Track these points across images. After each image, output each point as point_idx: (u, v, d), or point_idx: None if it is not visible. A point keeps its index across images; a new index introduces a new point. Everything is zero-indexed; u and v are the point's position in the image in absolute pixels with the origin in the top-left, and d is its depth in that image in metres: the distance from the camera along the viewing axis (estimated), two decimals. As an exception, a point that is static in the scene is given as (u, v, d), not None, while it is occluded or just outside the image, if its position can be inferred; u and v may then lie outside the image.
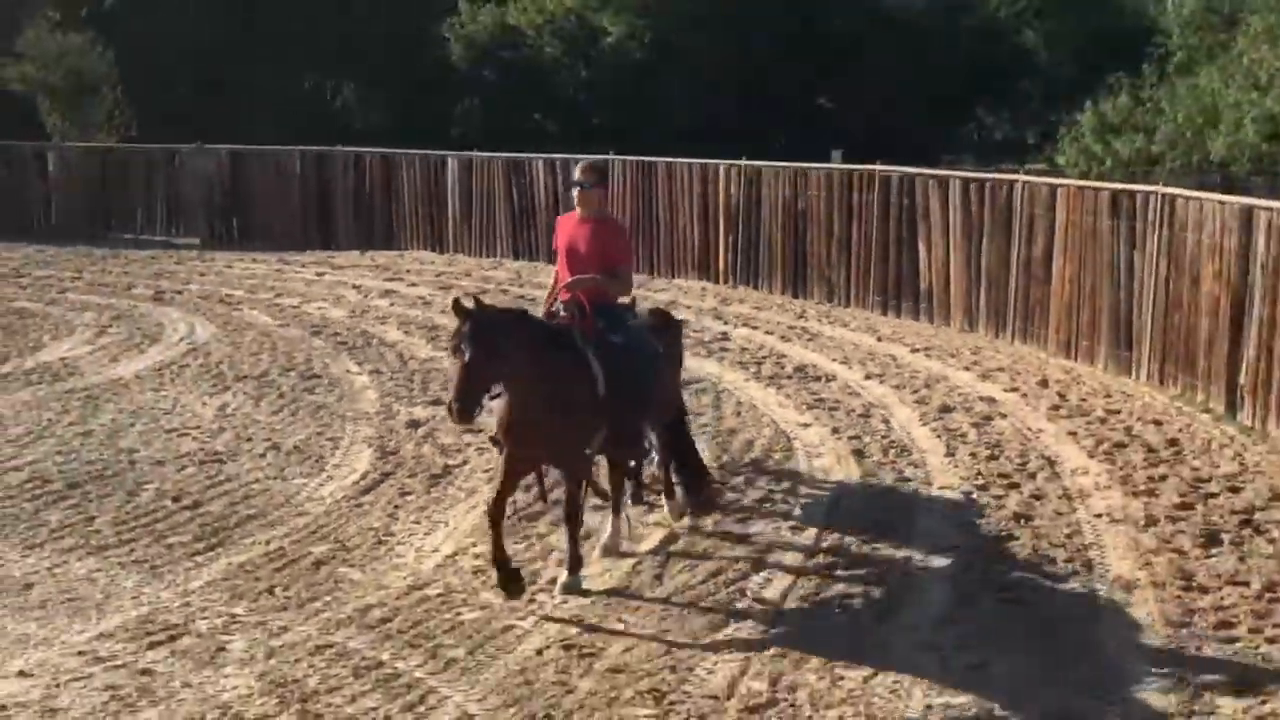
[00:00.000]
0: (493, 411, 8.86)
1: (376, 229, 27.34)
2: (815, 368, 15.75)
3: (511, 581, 8.51)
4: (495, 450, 9.10)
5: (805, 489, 11.02)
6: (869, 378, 15.22)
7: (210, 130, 29.86)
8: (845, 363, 16.07)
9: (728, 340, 17.50)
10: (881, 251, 19.70)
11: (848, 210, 20.30)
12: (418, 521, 10.20)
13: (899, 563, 9.28)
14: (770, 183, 21.58)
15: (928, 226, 18.92)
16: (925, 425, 13.02)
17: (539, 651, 7.77)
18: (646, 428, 9.40)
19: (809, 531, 9.95)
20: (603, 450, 9.12)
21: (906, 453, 12.06)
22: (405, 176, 26.85)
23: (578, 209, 9.36)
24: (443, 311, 19.62)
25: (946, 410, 13.57)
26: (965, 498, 10.72)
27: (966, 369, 15.66)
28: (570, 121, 34.83)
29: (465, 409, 8.08)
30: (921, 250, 19.03)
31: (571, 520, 8.86)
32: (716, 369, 15.72)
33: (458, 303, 8.27)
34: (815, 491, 10.95)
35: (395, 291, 21.61)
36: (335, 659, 7.64)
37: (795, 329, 18.35)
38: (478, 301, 8.29)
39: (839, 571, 9.11)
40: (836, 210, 20.47)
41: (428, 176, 26.60)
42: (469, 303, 8.27)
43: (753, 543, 9.68)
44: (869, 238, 19.92)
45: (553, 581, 8.84)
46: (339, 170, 27.82)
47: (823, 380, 15.09)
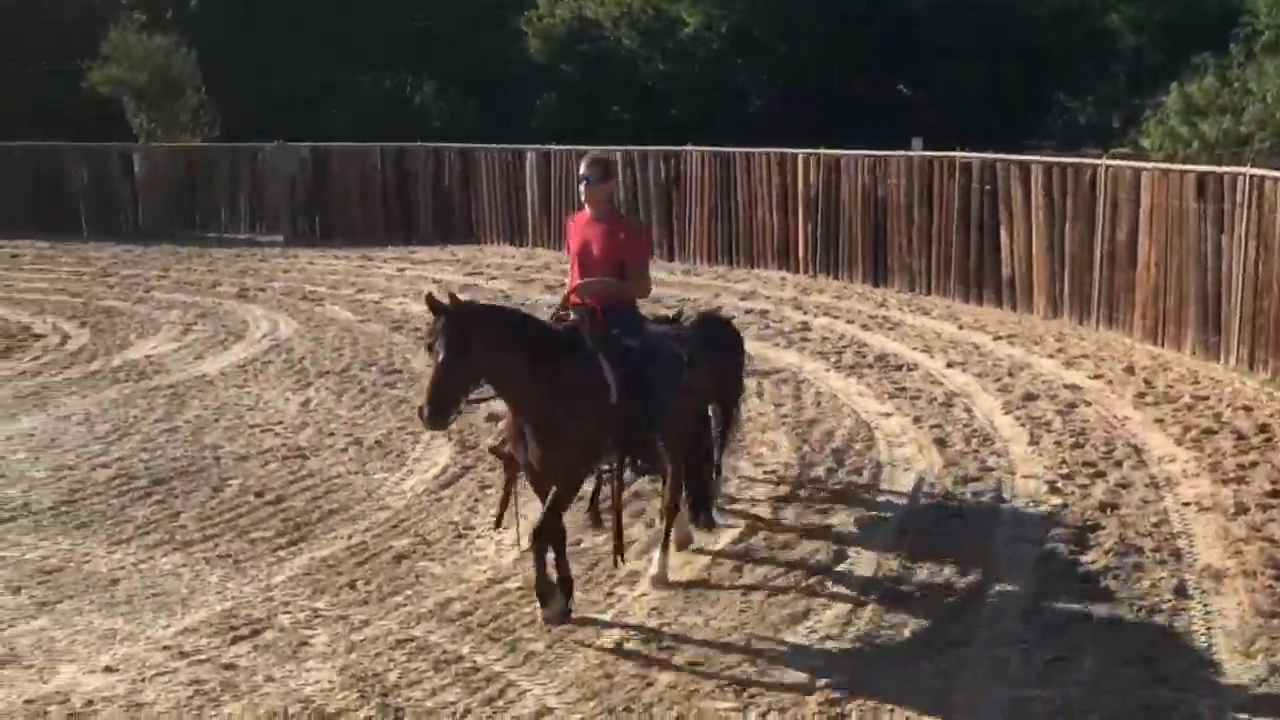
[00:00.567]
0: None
1: (456, 223, 27.47)
2: (896, 357, 15.62)
3: (550, 598, 8.01)
4: (501, 461, 8.65)
5: (886, 479, 10.92)
6: (951, 366, 15.07)
7: (292, 129, 30.14)
8: (927, 351, 15.93)
9: (808, 330, 17.40)
10: (963, 238, 19.50)
11: (929, 197, 20.12)
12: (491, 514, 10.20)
13: (981, 553, 9.16)
14: (850, 171, 21.42)
15: (1010, 212, 18.70)
16: (1008, 414, 12.87)
17: (618, 645, 7.75)
18: (661, 441, 8.45)
19: (890, 522, 9.86)
20: (613, 464, 8.40)
21: (989, 441, 11.93)
22: (484, 171, 26.95)
23: (587, 208, 8.60)
24: (522, 304, 19.69)
25: (1030, 398, 13.41)
26: (1049, 486, 10.57)
27: (1050, 356, 15.46)
28: (648, 113, 34.79)
29: (437, 413, 7.39)
30: (1004, 237, 18.82)
31: (538, 541, 7.98)
32: (796, 359, 15.63)
33: (431, 298, 7.56)
34: (896, 481, 10.85)
35: (475, 285, 21.68)
36: (416, 653, 7.67)
37: (876, 318, 18.21)
38: (453, 297, 7.59)
39: (921, 562, 9.02)
40: (917, 198, 20.29)
41: (506, 170, 26.67)
42: (444, 297, 7.58)
43: (833, 534, 9.61)
44: (950, 225, 19.72)
45: (632, 574, 8.82)
46: (419, 166, 27.97)
47: (904, 369, 14.96)
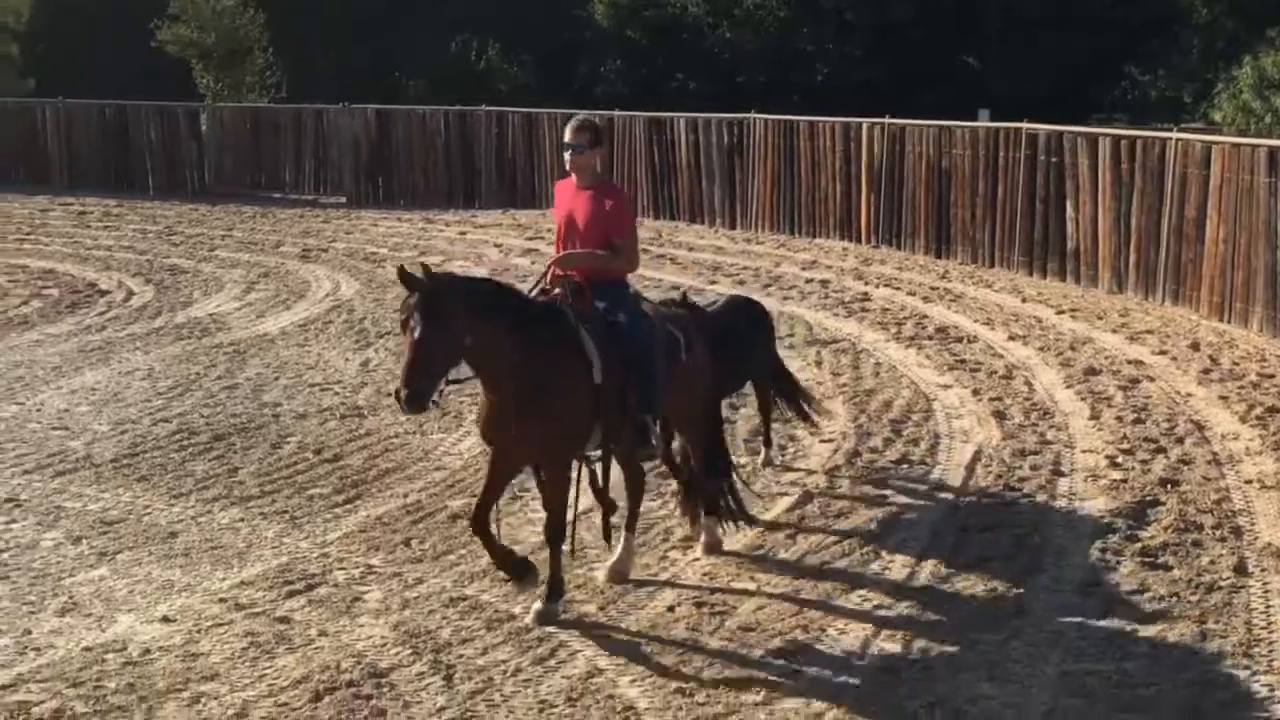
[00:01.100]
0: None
1: (519, 188, 27.49)
2: (957, 329, 15.50)
3: (524, 572, 7.66)
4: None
5: (944, 450, 10.85)
6: (1012, 339, 14.94)
7: (357, 90, 30.24)
8: (988, 324, 15.80)
9: (868, 300, 17.30)
10: (1028, 211, 19.31)
11: (994, 169, 19.93)
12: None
13: (1039, 526, 9.09)
14: (914, 141, 21.25)
15: (1076, 185, 18.49)
16: (1069, 388, 12.74)
17: (670, 608, 7.75)
18: (653, 424, 7.96)
19: (946, 493, 9.80)
20: (600, 450, 7.93)
21: (1049, 415, 11.82)
22: (548, 135, 26.92)
23: (573, 175, 8.07)
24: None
25: (1092, 373, 13.27)
26: (1109, 461, 10.47)
27: (1114, 331, 15.30)
28: (712, 80, 34.67)
29: (415, 396, 6.87)
30: (1069, 210, 18.61)
31: (554, 538, 7.69)
32: (856, 329, 15.56)
33: (404, 271, 7.03)
34: (954, 453, 10.78)
35: (536, 250, 21.69)
36: (469, 611, 7.69)
37: (938, 290, 18.08)
38: (426, 269, 7.09)
39: (976, 534, 8.95)
40: (982, 169, 20.10)
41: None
42: (417, 270, 7.08)
43: (889, 504, 9.56)
44: (1015, 197, 19.53)
45: (686, 540, 8.82)
46: (483, 129, 28.00)
47: (964, 341, 14.85)
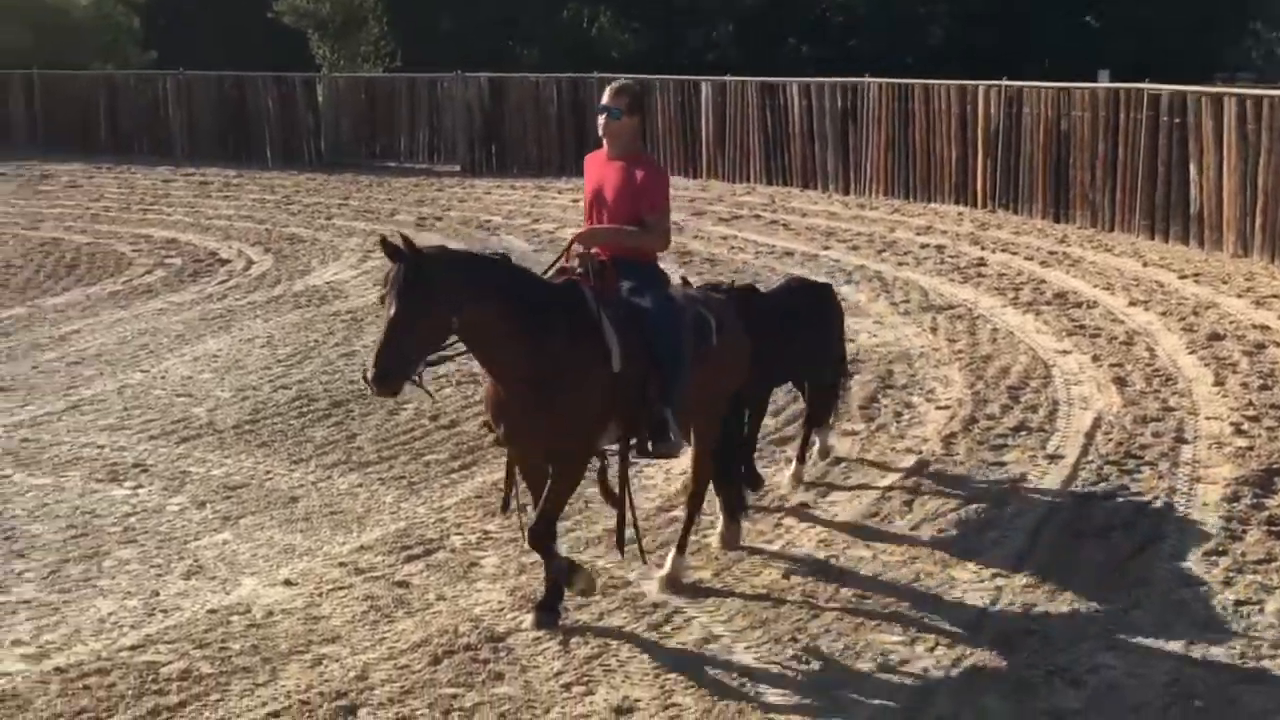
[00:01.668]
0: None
1: (631, 155, 27.46)
2: (1076, 294, 15.27)
3: (573, 573, 7.12)
4: (490, 435, 7.68)
5: (1062, 417, 10.70)
6: (1133, 304, 14.68)
7: (471, 59, 30.39)
8: (1108, 289, 15.54)
9: (984, 265, 17.09)
10: (1149, 173, 18.94)
11: (1114, 131, 19.56)
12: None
13: (1161, 493, 8.94)
14: (1032, 103, 20.92)
15: (1200, 147, 18.09)
16: (1192, 354, 12.50)
17: (785, 575, 7.73)
18: (673, 418, 7.20)
19: (1066, 460, 9.66)
20: (618, 444, 7.31)
21: (1172, 381, 11.61)
22: (659, 102, 26.87)
23: (605, 144, 7.45)
24: (695, 237, 19.68)
25: (1216, 338, 13.00)
26: (1234, 429, 10.25)
27: (1239, 296, 14.97)
28: (825, 44, 34.38)
29: (384, 377, 6.34)
30: (1192, 171, 18.22)
31: (543, 539, 7.04)
32: (972, 294, 15.38)
33: (385, 240, 6.50)
34: (1073, 420, 10.62)
35: (648, 217, 21.67)
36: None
37: (1056, 254, 17.81)
38: (408, 241, 6.47)
39: (1097, 502, 8.82)
40: (1102, 131, 19.74)
41: (682, 102, 26.57)
42: (398, 241, 6.49)
43: (1006, 471, 9.45)
44: (1136, 159, 19.16)
45: (802, 505, 8.78)
46: (594, 97, 27.97)
47: (1084, 307, 14.62)
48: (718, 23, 36.46)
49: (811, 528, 8.49)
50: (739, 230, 20.28)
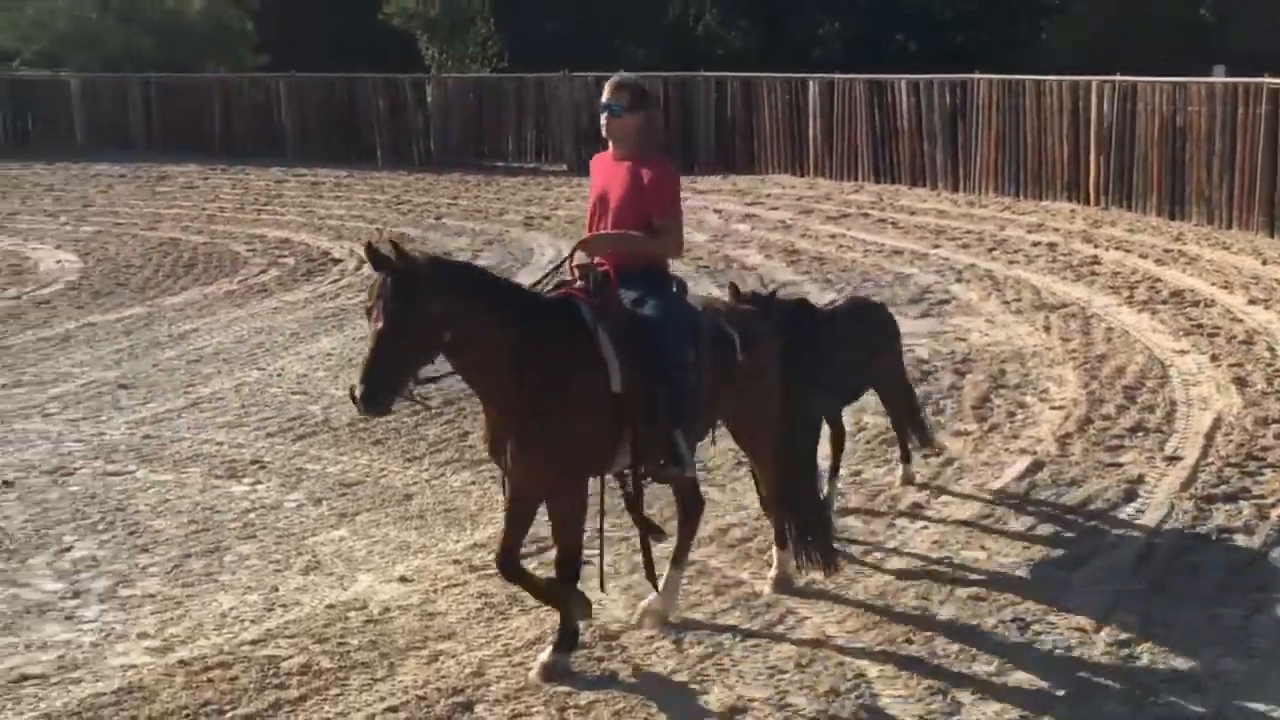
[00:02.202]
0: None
1: (738, 153, 27.44)
2: (1193, 292, 15.01)
3: (578, 604, 6.72)
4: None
5: (1181, 418, 10.53)
6: (1253, 303, 14.40)
7: (578, 59, 30.53)
8: (1226, 287, 15.26)
9: (1098, 264, 16.86)
10: (1269, 169, 18.58)
11: (1232, 126, 19.21)
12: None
13: (1284, 497, 8.77)
14: (1147, 99, 20.61)
15: (1321, 142, 17.71)
16: (1315, 353, 12.25)
17: (899, 576, 7.68)
18: (684, 439, 6.74)
19: (1185, 462, 9.50)
20: (627, 472, 6.81)
21: (1294, 382, 11.38)
22: (766, 100, 26.83)
23: (610, 145, 6.97)
24: (803, 235, 19.62)
25: (1339, 338, 12.74)
26: (1359, 430, 10.04)
27: (1363, 294, 14.65)
28: (933, 41, 34.11)
29: (373, 396, 5.90)
30: (1313, 167, 17.84)
31: (566, 579, 6.66)
32: (1085, 293, 15.18)
33: (371, 248, 6.04)
34: (1192, 421, 10.45)
35: (756, 215, 21.67)
36: (696, 576, 7.72)
37: (1171, 252, 17.53)
38: (397, 246, 6.03)
39: (1217, 504, 8.67)
40: (1219, 126, 19.40)
41: (789, 100, 26.50)
42: (386, 249, 6.03)
43: (1123, 472, 9.31)
44: (1255, 154, 18.80)
45: (914, 506, 8.73)
46: (701, 95, 28.01)
47: (1201, 305, 14.37)
48: (823, 20, 36.31)
49: (925, 528, 8.43)
50: (847, 229, 20.18)
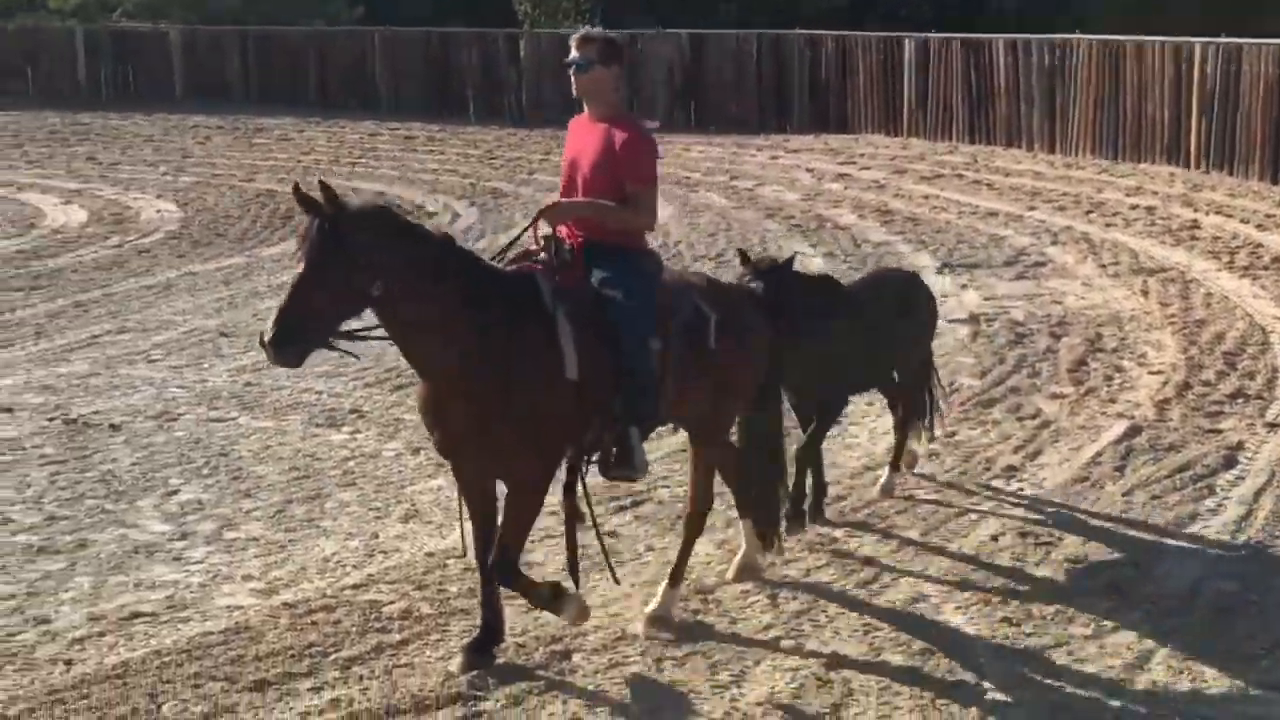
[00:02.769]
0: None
1: (831, 112, 27.25)
2: (1296, 258, 14.79)
3: (559, 600, 6.28)
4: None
5: (1282, 385, 10.41)
6: (1358, 270, 14.18)
7: (671, 15, 30.43)
8: (1331, 253, 15.02)
9: (1198, 228, 16.62)
10: (1376, 134, 18.19)
11: (1338, 90, 18.81)
12: (870, 403, 10.15)
13: (1388, 467, 8.65)
14: (1252, 60, 20.21)
15: None
16: None
17: (994, 538, 7.67)
18: (638, 438, 6.24)
19: (1286, 430, 9.40)
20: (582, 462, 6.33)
21: (1399, 351, 11.20)
22: (861, 59, 26.60)
23: (585, 105, 6.49)
24: (896, 195, 19.50)
25: None
26: None
27: None
28: (1031, 1, 33.64)
29: (283, 343, 5.53)
30: None
31: (501, 574, 6.12)
32: (1185, 258, 14.99)
33: (299, 190, 5.64)
34: (1293, 388, 10.33)
35: (849, 175, 21.55)
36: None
37: (1274, 217, 17.22)
38: (328, 191, 5.58)
39: (1319, 473, 8.59)
40: (1326, 90, 19.01)
41: (884, 59, 26.26)
42: (315, 191, 5.61)
43: (1223, 438, 9.22)
44: (1362, 119, 18.41)
45: (1009, 469, 8.70)
46: (795, 54, 27.83)
47: (1304, 272, 14.16)
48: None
49: (1021, 490, 8.41)
50: (941, 189, 20.02)
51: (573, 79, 6.44)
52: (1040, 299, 13.28)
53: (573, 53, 6.42)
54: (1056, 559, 7.37)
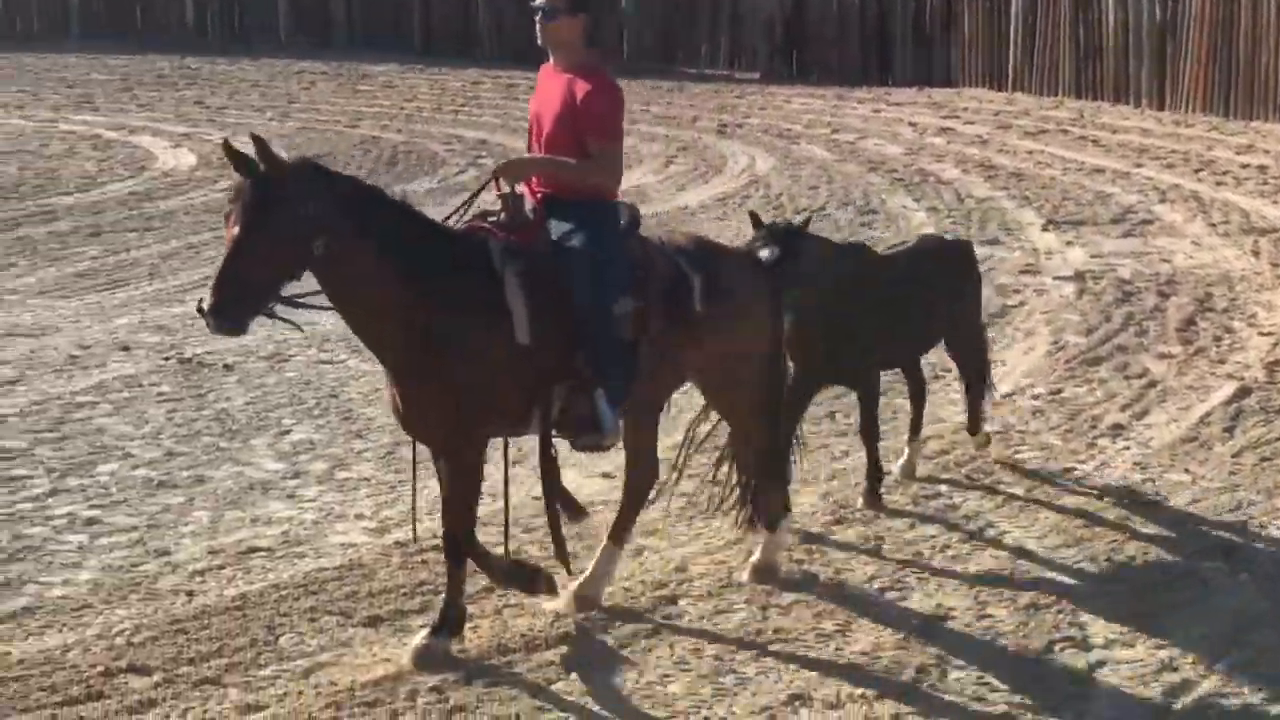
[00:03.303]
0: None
1: (935, 65, 26.94)
2: None
3: (534, 581, 6.20)
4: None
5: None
6: None
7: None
8: None
9: (1312, 188, 16.34)
10: None
11: None
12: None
13: None
14: (1371, 17, 19.75)
15: None
16: None
17: (1099, 496, 7.66)
18: (606, 402, 5.93)
19: (1401, 395, 9.27)
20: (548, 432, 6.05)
21: None
22: (966, 10, 26.26)
23: (550, 55, 6.18)
24: (1000, 151, 19.31)
25: None
26: None
27: None
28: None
29: (223, 310, 5.27)
30: None
31: (451, 553, 5.98)
32: (1298, 218, 14.75)
33: (229, 146, 5.45)
34: None
35: (952, 130, 21.34)
36: (893, 487, 7.79)
37: (1391, 178, 16.90)
38: (261, 146, 5.33)
39: None
40: None
41: (990, 10, 25.91)
42: (249, 148, 5.38)
43: (1336, 402, 9.12)
44: None
45: (1115, 427, 8.66)
46: (899, 4, 27.53)
47: None
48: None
49: (1126, 449, 8.38)
50: (1045, 145, 19.78)
51: (537, 25, 6.10)
52: (1148, 257, 13.12)
53: None
54: (1163, 519, 7.35)
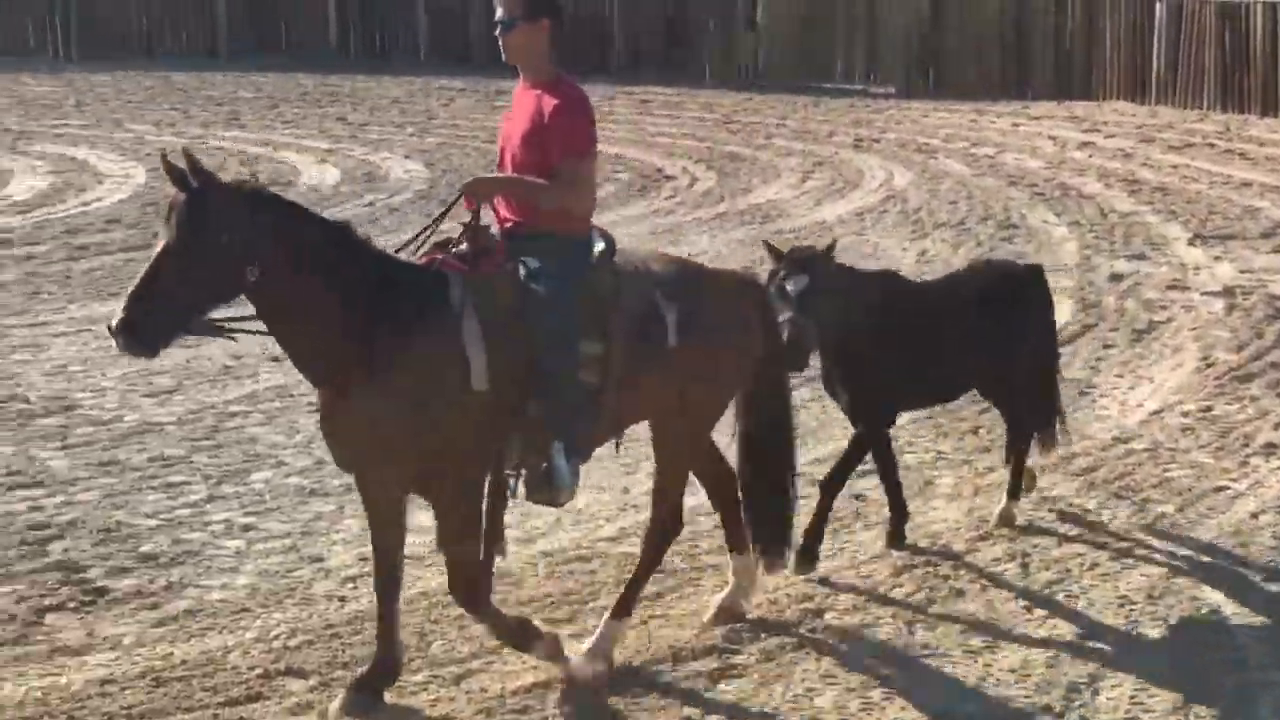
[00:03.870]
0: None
1: (1075, 78, 26.61)
2: None
3: (528, 638, 5.79)
4: None
5: None
6: None
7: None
8: None
9: None
10: None
11: None
12: (1120, 375, 10.05)
13: None
14: None
15: None
16: None
17: (1254, 515, 7.52)
18: (563, 456, 5.56)
19: None
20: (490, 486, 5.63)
21: None
22: (1108, 22, 25.91)
23: (519, 71, 5.81)
24: (1144, 165, 19.02)
25: None
26: None
27: None
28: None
29: (132, 329, 4.89)
30: None
31: (474, 612, 5.72)
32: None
33: (166, 160, 5.11)
34: None
35: (1093, 144, 21.05)
36: (1040, 503, 7.71)
37: None
38: (193, 163, 5.04)
39: None
40: None
41: (1133, 22, 25.53)
42: (181, 161, 5.06)
43: None
44: None
45: (1269, 446, 8.49)
46: (1039, 18, 27.24)
47: None
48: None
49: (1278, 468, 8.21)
50: (1191, 159, 19.42)
51: (499, 42, 5.69)
52: (1300, 274, 12.86)
53: (498, 10, 5.63)
54: (1320, 541, 7.20)
